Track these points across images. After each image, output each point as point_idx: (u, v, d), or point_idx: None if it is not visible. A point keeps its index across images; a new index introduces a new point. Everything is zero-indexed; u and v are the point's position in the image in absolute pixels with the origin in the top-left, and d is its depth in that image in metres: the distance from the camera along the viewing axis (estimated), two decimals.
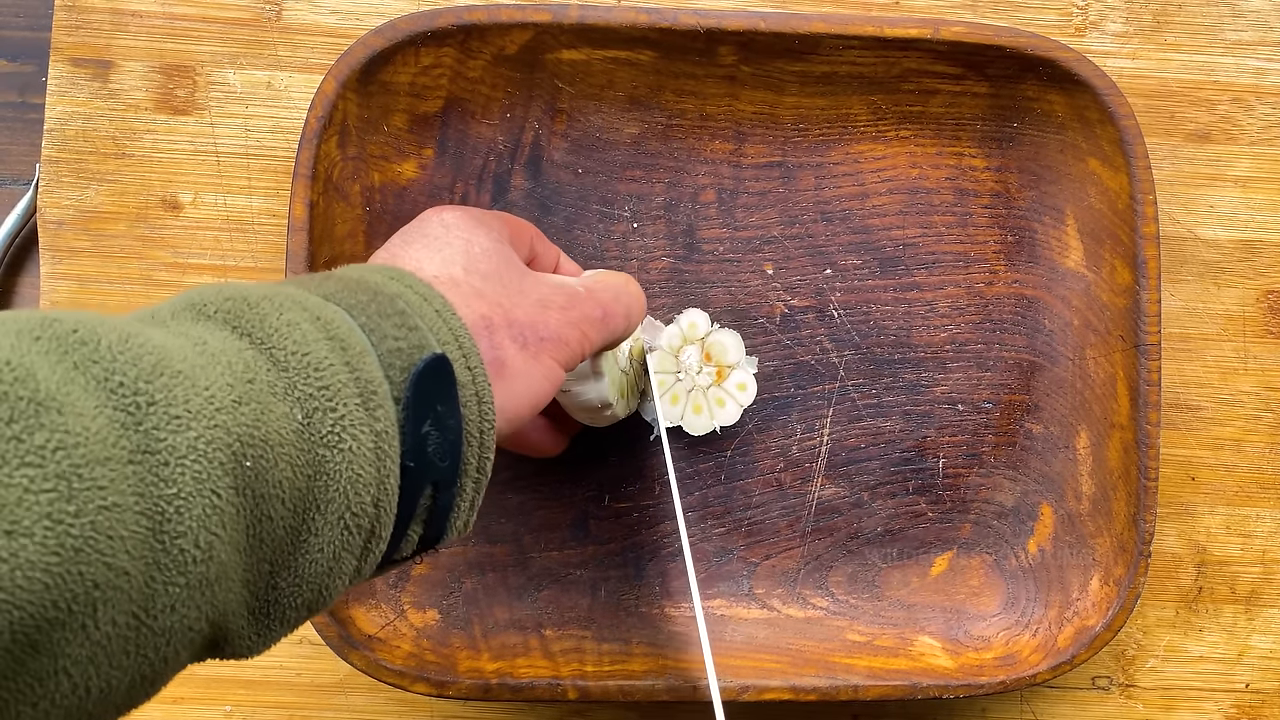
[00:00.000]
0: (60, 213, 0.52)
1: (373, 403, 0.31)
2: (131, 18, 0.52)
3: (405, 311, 0.33)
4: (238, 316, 0.30)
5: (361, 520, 0.30)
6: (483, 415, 0.34)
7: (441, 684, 0.47)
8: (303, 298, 0.32)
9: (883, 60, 0.50)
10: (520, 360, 0.37)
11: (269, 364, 0.29)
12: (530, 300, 0.38)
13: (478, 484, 0.35)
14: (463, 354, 0.34)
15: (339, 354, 0.30)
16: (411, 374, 0.32)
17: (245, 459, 0.27)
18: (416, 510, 0.33)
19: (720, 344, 0.50)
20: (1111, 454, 0.50)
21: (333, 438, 0.30)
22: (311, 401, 0.29)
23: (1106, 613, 0.49)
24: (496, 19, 0.47)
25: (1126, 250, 0.49)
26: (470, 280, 0.37)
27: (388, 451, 0.31)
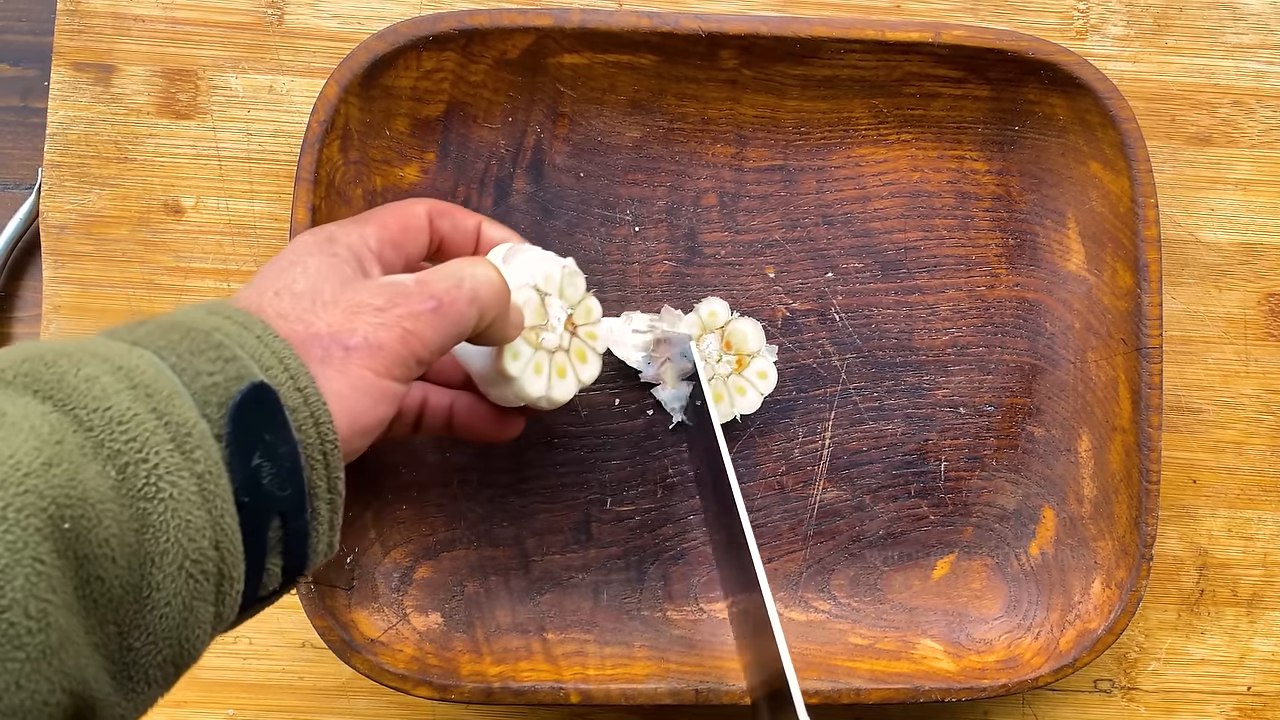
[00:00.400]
0: (62, 217, 0.52)
1: (188, 444, 0.30)
2: (134, 22, 0.52)
3: (222, 344, 0.32)
4: (35, 378, 0.29)
5: (205, 565, 0.30)
6: (322, 437, 0.33)
7: (444, 687, 0.47)
8: (105, 349, 0.31)
9: (884, 64, 0.50)
10: (324, 377, 0.35)
11: (73, 424, 0.29)
12: (339, 309, 0.36)
13: (332, 504, 0.34)
14: (290, 377, 0.33)
15: (143, 402, 0.30)
16: (229, 407, 0.31)
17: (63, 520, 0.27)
18: (268, 544, 0.32)
19: (740, 332, 0.51)
20: (1113, 457, 0.50)
21: (150, 489, 0.29)
22: (122, 456, 0.29)
23: (1108, 616, 0.49)
24: (498, 23, 0.47)
25: (1128, 253, 0.49)
26: (277, 302, 0.36)
27: (215, 491, 0.30)
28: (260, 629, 0.53)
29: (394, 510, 0.50)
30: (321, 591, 0.47)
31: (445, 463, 0.51)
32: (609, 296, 0.52)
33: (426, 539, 0.51)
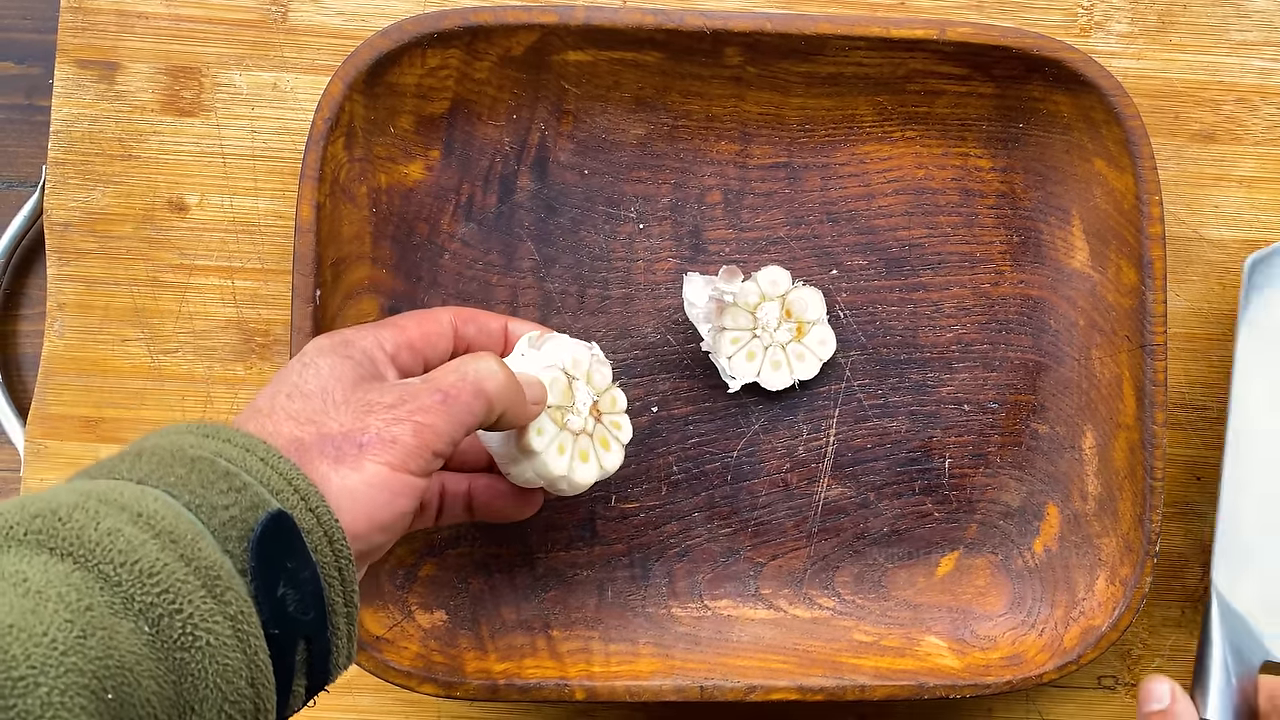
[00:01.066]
0: (66, 214, 0.52)
1: (218, 587, 0.29)
2: (137, 19, 0.52)
3: (229, 472, 0.32)
4: (51, 535, 0.29)
5: (243, 705, 0.30)
6: (337, 554, 0.33)
7: (449, 685, 0.47)
8: (117, 493, 0.30)
9: (889, 61, 0.50)
10: (335, 477, 0.35)
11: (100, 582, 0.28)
12: (350, 409, 0.36)
13: (349, 617, 0.34)
14: (301, 498, 0.33)
15: (170, 550, 0.29)
16: (250, 542, 0.31)
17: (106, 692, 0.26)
18: (295, 667, 0.32)
19: (802, 300, 0.51)
20: (1117, 454, 0.50)
21: (186, 639, 0.28)
22: (155, 609, 0.28)
23: (1112, 613, 0.49)
24: (503, 20, 0.47)
25: (1132, 250, 0.49)
26: (288, 405, 0.36)
27: (249, 631, 0.30)
28: None
29: None
30: None
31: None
32: (613, 294, 0.52)
33: (431, 536, 0.51)
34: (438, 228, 0.51)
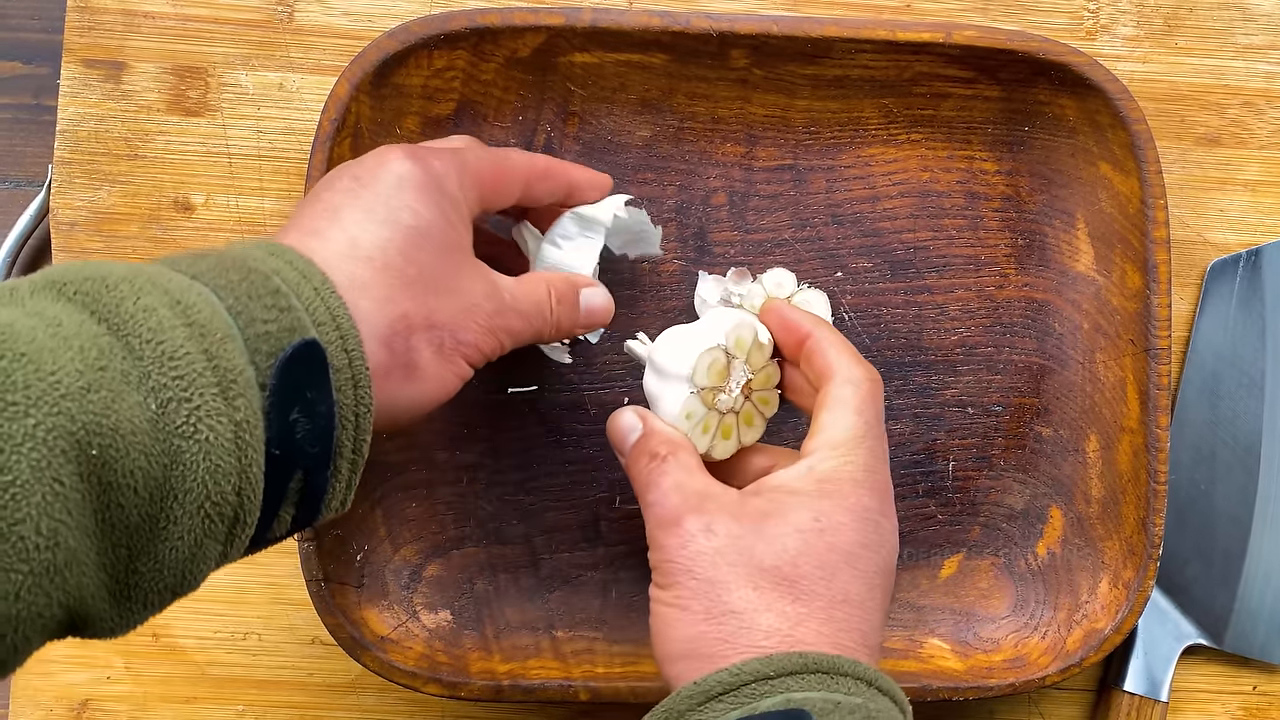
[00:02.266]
0: (73, 214, 0.52)
1: (232, 391, 0.30)
2: (144, 19, 0.52)
3: (280, 290, 0.33)
4: (95, 299, 0.30)
5: (224, 509, 0.30)
6: (359, 400, 0.34)
7: (453, 685, 0.47)
8: (166, 279, 0.31)
9: (894, 64, 0.50)
10: (434, 364, 0.37)
11: (124, 351, 0.29)
12: (459, 303, 0.38)
13: (354, 464, 0.35)
14: (340, 335, 0.33)
15: (197, 341, 0.30)
16: (278, 361, 0.31)
17: (91, 447, 0.27)
18: (286, 494, 0.33)
19: (807, 302, 0.51)
20: (1121, 457, 0.50)
21: (188, 428, 0.29)
22: (166, 391, 0.29)
23: (1115, 615, 0.50)
24: (510, 22, 0.48)
25: (1137, 254, 0.50)
26: (405, 268, 0.36)
27: (249, 441, 0.30)
28: (270, 625, 0.53)
29: (404, 508, 0.51)
30: (331, 589, 0.47)
31: (455, 461, 0.51)
32: (618, 295, 0.52)
33: (436, 537, 0.51)
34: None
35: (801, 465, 0.40)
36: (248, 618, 0.53)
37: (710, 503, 0.39)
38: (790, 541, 0.37)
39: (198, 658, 0.53)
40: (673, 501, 0.39)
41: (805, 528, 0.38)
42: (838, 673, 0.35)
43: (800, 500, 0.38)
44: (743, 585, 0.37)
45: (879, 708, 0.35)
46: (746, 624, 0.36)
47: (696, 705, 0.35)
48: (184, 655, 0.53)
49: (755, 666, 0.35)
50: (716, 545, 0.38)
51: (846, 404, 0.41)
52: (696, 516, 0.39)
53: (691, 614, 0.37)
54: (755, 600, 0.37)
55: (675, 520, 0.39)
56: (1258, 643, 0.54)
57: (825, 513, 0.38)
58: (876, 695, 0.35)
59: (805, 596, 0.37)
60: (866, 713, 0.34)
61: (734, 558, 0.37)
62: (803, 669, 0.35)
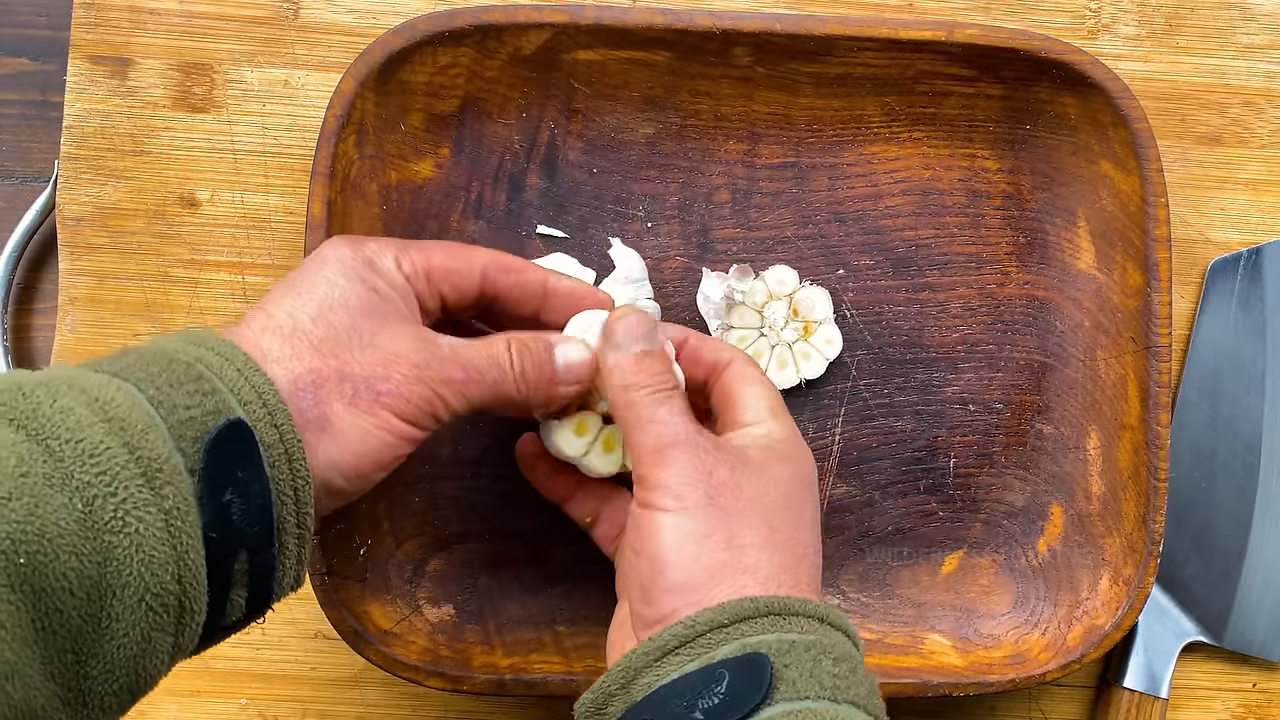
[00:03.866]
0: (79, 209, 0.52)
1: (158, 480, 0.30)
2: (150, 15, 0.52)
3: (203, 376, 0.33)
4: (12, 408, 0.30)
5: (166, 599, 0.30)
6: (294, 473, 0.34)
7: (456, 679, 0.47)
8: (83, 380, 0.31)
9: (897, 62, 0.50)
10: (348, 415, 0.36)
11: (44, 454, 0.29)
12: (376, 355, 0.37)
13: (300, 539, 0.34)
14: (268, 412, 0.33)
15: (117, 435, 0.30)
16: (204, 443, 0.31)
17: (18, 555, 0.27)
18: (233, 576, 0.33)
19: (809, 299, 0.51)
20: (1121, 455, 0.51)
21: (116, 523, 0.29)
22: (90, 489, 0.29)
23: (1116, 612, 0.50)
24: (514, 19, 0.48)
25: (1138, 252, 0.50)
26: (312, 331, 0.36)
27: (182, 527, 0.30)
28: (274, 620, 0.53)
29: (407, 503, 0.51)
30: (335, 583, 0.47)
31: (458, 456, 0.51)
32: None
33: (439, 531, 0.51)
34: (447, 225, 0.51)
35: (759, 428, 0.41)
36: None
37: (720, 441, 0.40)
38: (793, 488, 0.39)
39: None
40: (689, 426, 0.39)
41: (798, 478, 0.40)
42: (789, 613, 0.36)
43: (781, 455, 0.40)
44: (760, 523, 0.38)
45: (832, 642, 0.35)
46: (766, 558, 0.37)
47: (653, 661, 0.35)
48: None
49: (709, 616, 0.35)
50: (737, 481, 0.38)
51: (755, 378, 0.43)
52: (717, 449, 0.39)
53: (713, 542, 0.37)
54: (770, 537, 0.38)
55: (695, 445, 0.38)
56: (1257, 640, 0.54)
57: (801, 469, 0.41)
58: (829, 630, 0.36)
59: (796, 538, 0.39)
60: (821, 648, 0.35)
61: (753, 495, 0.38)
62: (754, 613, 0.35)
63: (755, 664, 0.33)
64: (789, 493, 0.39)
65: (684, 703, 0.33)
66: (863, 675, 0.36)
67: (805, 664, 0.34)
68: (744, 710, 0.33)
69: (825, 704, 0.33)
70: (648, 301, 0.50)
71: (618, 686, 0.36)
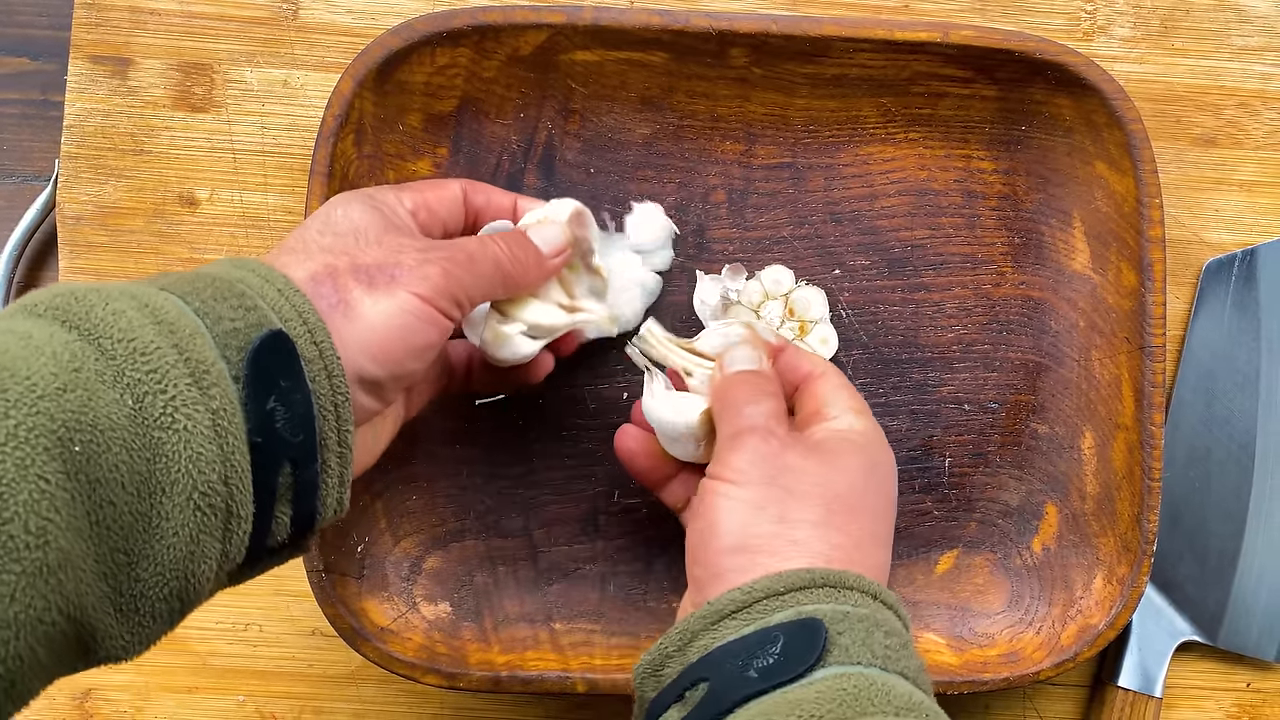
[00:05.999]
0: (79, 208, 0.53)
1: (206, 381, 0.31)
2: (150, 16, 0.52)
3: (245, 293, 0.34)
4: (65, 311, 0.30)
5: (214, 499, 0.31)
6: (335, 389, 0.34)
7: (452, 676, 0.48)
8: (133, 289, 0.32)
9: (892, 63, 0.50)
10: (368, 299, 0.37)
11: (96, 352, 0.30)
12: (383, 247, 0.38)
13: (342, 458, 0.35)
14: (308, 329, 0.34)
15: (167, 337, 0.31)
16: (248, 352, 0.32)
17: (74, 444, 0.28)
18: (278, 489, 0.33)
19: (805, 299, 0.52)
20: (1116, 454, 0.51)
21: (166, 419, 0.30)
22: (141, 386, 0.30)
23: (1109, 611, 0.50)
24: (512, 20, 0.48)
25: (1132, 253, 0.50)
26: (320, 239, 0.38)
27: (228, 428, 0.31)
28: (271, 616, 0.53)
29: (404, 501, 0.51)
30: (332, 580, 0.48)
31: (456, 454, 0.51)
32: None
33: (436, 529, 0.51)
34: None
35: (839, 421, 0.42)
36: (249, 609, 0.53)
37: (792, 435, 0.41)
38: (858, 477, 0.40)
39: (199, 648, 0.53)
40: (767, 421, 0.41)
41: (867, 467, 0.41)
42: (844, 586, 0.37)
43: (855, 446, 0.41)
44: (817, 505, 0.39)
45: (884, 618, 0.36)
46: (817, 536, 0.38)
47: (710, 625, 0.36)
48: (186, 645, 0.53)
49: (766, 584, 0.36)
50: (801, 465, 0.39)
51: (845, 386, 0.44)
52: (789, 438, 0.41)
53: (767, 514, 0.38)
54: (826, 518, 0.39)
55: (767, 432, 0.40)
56: (1251, 639, 0.54)
57: (876, 460, 0.42)
58: (881, 608, 0.37)
59: (861, 524, 0.40)
60: (874, 621, 0.35)
61: (815, 480, 0.39)
62: (810, 584, 0.36)
63: (810, 628, 0.34)
64: (855, 482, 0.40)
65: (739, 662, 0.34)
66: (912, 652, 0.37)
67: (859, 633, 0.35)
68: (797, 671, 0.33)
69: (876, 671, 0.34)
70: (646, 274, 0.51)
71: (675, 648, 0.37)
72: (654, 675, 0.37)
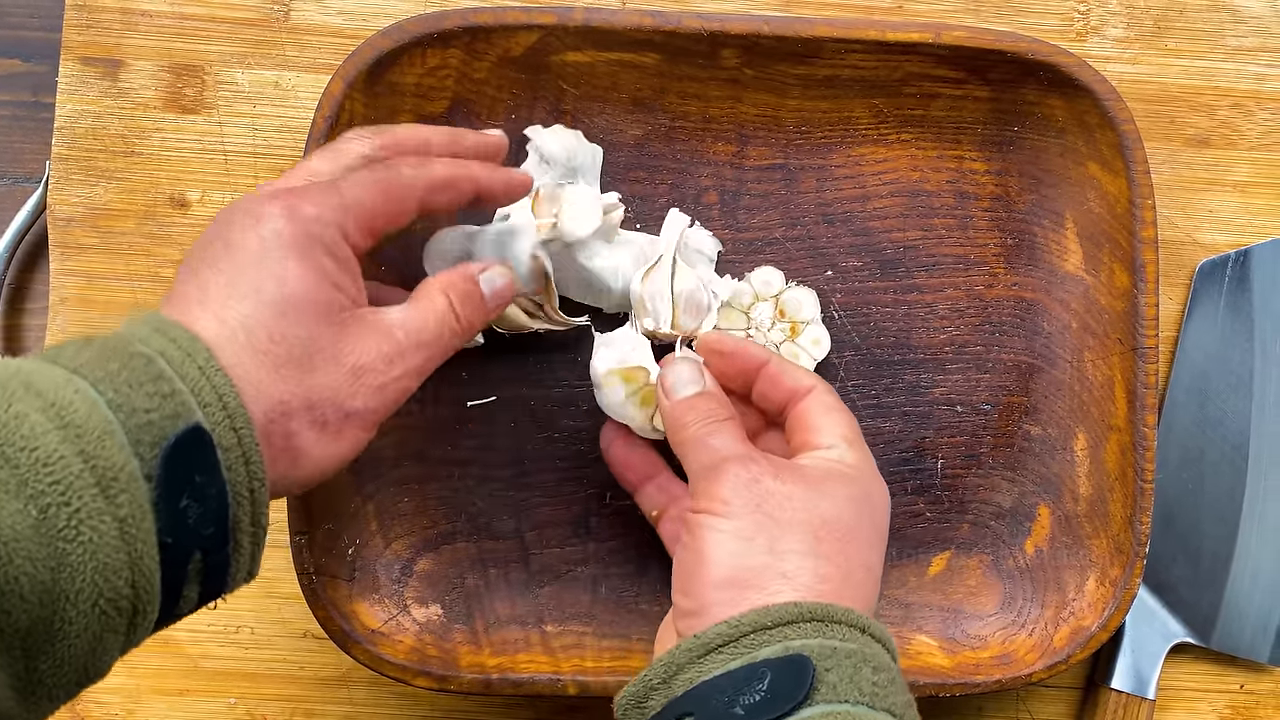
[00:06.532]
0: (70, 210, 0.52)
1: (114, 489, 0.30)
2: (141, 17, 0.52)
3: (162, 375, 0.32)
4: None
5: (119, 603, 0.30)
6: (251, 475, 0.34)
7: (443, 678, 0.47)
8: (42, 380, 0.31)
9: (884, 64, 0.50)
10: (319, 443, 0.36)
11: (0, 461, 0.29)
12: (341, 371, 0.36)
13: (255, 537, 0.34)
14: (227, 415, 0.33)
15: (72, 444, 0.30)
16: (162, 450, 0.31)
17: None
18: (187, 575, 0.33)
19: (796, 300, 0.51)
20: (1109, 456, 0.51)
21: (70, 531, 0.29)
22: (45, 497, 0.29)
23: (1102, 613, 0.50)
24: (503, 21, 0.48)
25: (1125, 254, 0.50)
26: (273, 348, 0.35)
27: (136, 534, 0.30)
28: (262, 619, 0.53)
29: (395, 503, 0.51)
30: (323, 582, 0.47)
31: (447, 456, 0.51)
32: None
33: (427, 532, 0.51)
34: (437, 225, 0.51)
35: (830, 453, 0.42)
36: (240, 611, 0.53)
37: (772, 460, 0.41)
38: (846, 505, 0.40)
39: (190, 650, 0.53)
40: (740, 448, 0.41)
41: (857, 497, 0.41)
42: (832, 620, 0.36)
43: (845, 476, 0.41)
44: (805, 532, 0.39)
45: (872, 653, 0.36)
46: (807, 566, 0.38)
47: (697, 658, 0.36)
48: (177, 648, 0.53)
49: (754, 618, 0.36)
50: (786, 491, 0.39)
51: (836, 408, 0.44)
52: (768, 463, 0.40)
53: (756, 545, 0.38)
54: (815, 547, 0.38)
55: (746, 459, 0.40)
56: (1245, 641, 0.54)
57: (867, 492, 0.41)
58: (870, 641, 0.37)
59: (850, 555, 0.39)
60: (861, 657, 0.35)
61: (801, 505, 0.39)
62: (799, 618, 0.36)
63: (797, 665, 0.34)
64: (843, 510, 0.40)
65: (725, 698, 0.34)
66: (901, 686, 0.36)
67: (846, 669, 0.34)
68: (784, 709, 0.33)
69: (863, 709, 0.34)
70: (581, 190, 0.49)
71: (659, 680, 0.37)
72: (638, 707, 0.37)
